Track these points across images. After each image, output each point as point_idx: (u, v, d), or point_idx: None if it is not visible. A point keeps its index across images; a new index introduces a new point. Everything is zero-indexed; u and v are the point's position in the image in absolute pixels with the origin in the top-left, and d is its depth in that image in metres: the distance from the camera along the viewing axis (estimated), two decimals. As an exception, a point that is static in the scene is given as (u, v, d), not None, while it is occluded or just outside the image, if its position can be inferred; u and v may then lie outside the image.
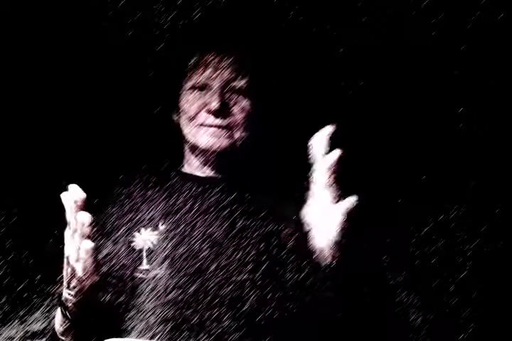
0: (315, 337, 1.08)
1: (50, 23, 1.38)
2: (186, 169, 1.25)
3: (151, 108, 1.34)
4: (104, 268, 1.04)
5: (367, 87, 1.40)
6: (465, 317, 1.35)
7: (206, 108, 1.17)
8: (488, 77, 1.38)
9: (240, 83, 1.19)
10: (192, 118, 1.19)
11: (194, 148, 1.20)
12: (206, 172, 1.22)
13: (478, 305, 1.36)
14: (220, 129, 1.17)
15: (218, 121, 1.16)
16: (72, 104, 1.42)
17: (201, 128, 1.17)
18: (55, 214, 1.38)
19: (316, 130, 0.97)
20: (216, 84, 1.18)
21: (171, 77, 1.27)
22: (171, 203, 1.16)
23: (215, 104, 1.15)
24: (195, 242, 1.10)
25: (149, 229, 1.12)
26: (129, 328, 1.05)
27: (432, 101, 1.41)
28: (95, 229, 0.93)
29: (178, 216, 1.13)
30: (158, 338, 1.04)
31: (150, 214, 1.14)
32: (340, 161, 0.93)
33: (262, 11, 1.35)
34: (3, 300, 1.34)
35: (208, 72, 1.19)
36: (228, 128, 1.17)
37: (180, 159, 1.29)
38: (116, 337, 1.00)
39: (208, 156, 1.19)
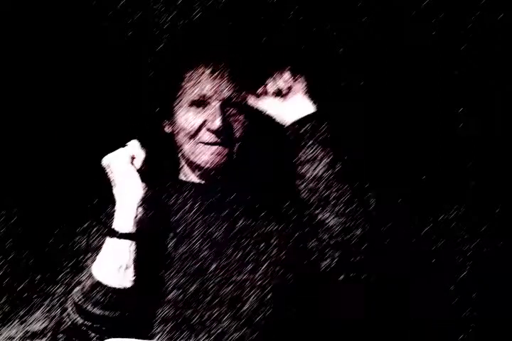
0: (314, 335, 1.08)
1: (50, 23, 1.38)
2: (181, 176, 1.24)
3: (148, 110, 1.33)
4: None
5: (366, 87, 1.40)
6: (465, 317, 1.35)
7: (207, 126, 1.15)
8: (488, 77, 1.38)
9: (239, 97, 1.17)
10: (192, 136, 1.16)
11: (193, 165, 1.19)
12: (201, 179, 1.21)
13: (478, 304, 1.36)
14: (221, 147, 1.15)
15: (219, 139, 1.15)
16: (73, 105, 1.42)
17: (201, 147, 1.15)
18: (55, 214, 1.39)
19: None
20: (215, 101, 1.15)
21: (168, 85, 1.25)
22: (169, 204, 1.16)
23: (216, 123, 1.12)
24: (193, 244, 1.10)
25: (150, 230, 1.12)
26: (130, 328, 1.05)
27: (432, 102, 1.41)
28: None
29: (175, 219, 1.13)
30: (159, 338, 1.04)
31: (148, 217, 1.14)
32: None
33: (258, 15, 1.34)
34: (3, 300, 1.34)
35: (204, 87, 1.15)
36: (228, 144, 1.16)
37: (175, 166, 1.27)
38: (116, 337, 1.00)
39: (204, 169, 1.18)
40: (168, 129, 1.21)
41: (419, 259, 1.39)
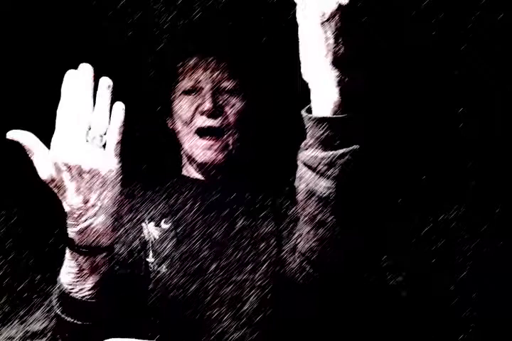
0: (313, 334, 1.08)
1: (51, 22, 1.38)
2: (184, 173, 1.25)
3: (148, 109, 1.34)
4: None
5: (366, 87, 1.40)
6: (465, 317, 1.35)
7: (199, 110, 1.17)
8: (488, 77, 1.38)
9: (231, 84, 1.19)
10: (187, 123, 1.18)
11: (191, 160, 1.20)
12: (203, 176, 1.22)
13: (478, 304, 1.36)
14: (216, 139, 1.16)
15: (212, 122, 1.15)
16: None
17: (197, 141, 1.16)
18: (55, 214, 1.39)
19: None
20: (207, 86, 1.18)
21: (165, 79, 1.27)
22: (170, 204, 1.16)
23: (207, 105, 1.15)
24: (194, 243, 1.10)
25: (152, 224, 1.13)
26: (130, 327, 1.05)
27: (432, 102, 1.41)
28: None
29: (177, 217, 1.13)
30: (159, 338, 1.04)
31: (151, 213, 1.14)
32: None
33: (255, 11, 1.35)
34: (3, 300, 1.34)
35: (198, 74, 1.19)
36: (223, 131, 1.16)
37: (178, 163, 1.28)
38: (116, 336, 1.00)
39: (205, 167, 1.19)
40: (170, 124, 1.24)
41: (419, 259, 1.39)
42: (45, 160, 0.82)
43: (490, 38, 1.35)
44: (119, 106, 0.83)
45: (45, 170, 0.82)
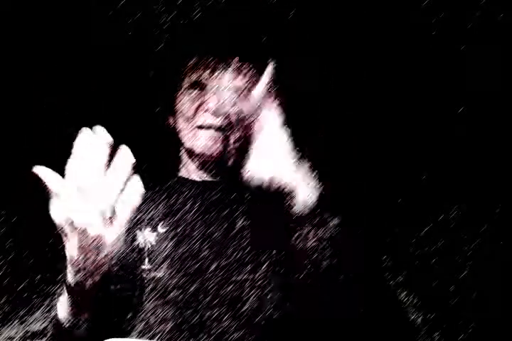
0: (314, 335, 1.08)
1: (50, 22, 1.38)
2: (183, 173, 1.25)
3: (149, 110, 1.34)
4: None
5: (367, 86, 1.40)
6: (465, 317, 1.35)
7: (203, 107, 1.17)
8: (488, 77, 1.38)
9: (233, 83, 1.19)
10: (189, 120, 1.18)
11: (190, 153, 1.20)
12: (203, 176, 1.22)
13: (478, 305, 1.36)
14: (217, 133, 1.16)
15: (216, 121, 1.16)
16: (73, 106, 1.42)
17: (198, 132, 1.17)
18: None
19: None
20: (209, 84, 1.18)
21: (168, 78, 1.27)
22: (168, 207, 1.16)
23: (212, 103, 1.15)
24: (193, 244, 1.10)
25: (148, 229, 1.13)
26: (130, 328, 1.05)
27: (432, 101, 1.41)
28: None
29: (175, 219, 1.13)
30: (159, 338, 1.04)
31: (148, 216, 1.14)
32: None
33: (260, 11, 1.35)
34: (3, 300, 1.34)
35: (204, 72, 1.20)
36: (225, 130, 1.17)
37: (177, 163, 1.28)
38: (116, 337, 1.00)
39: (204, 160, 1.19)
40: (171, 123, 1.24)
41: (419, 259, 1.39)
42: (59, 205, 0.81)
43: (490, 38, 1.35)
44: (138, 187, 0.81)
45: (57, 214, 0.82)
